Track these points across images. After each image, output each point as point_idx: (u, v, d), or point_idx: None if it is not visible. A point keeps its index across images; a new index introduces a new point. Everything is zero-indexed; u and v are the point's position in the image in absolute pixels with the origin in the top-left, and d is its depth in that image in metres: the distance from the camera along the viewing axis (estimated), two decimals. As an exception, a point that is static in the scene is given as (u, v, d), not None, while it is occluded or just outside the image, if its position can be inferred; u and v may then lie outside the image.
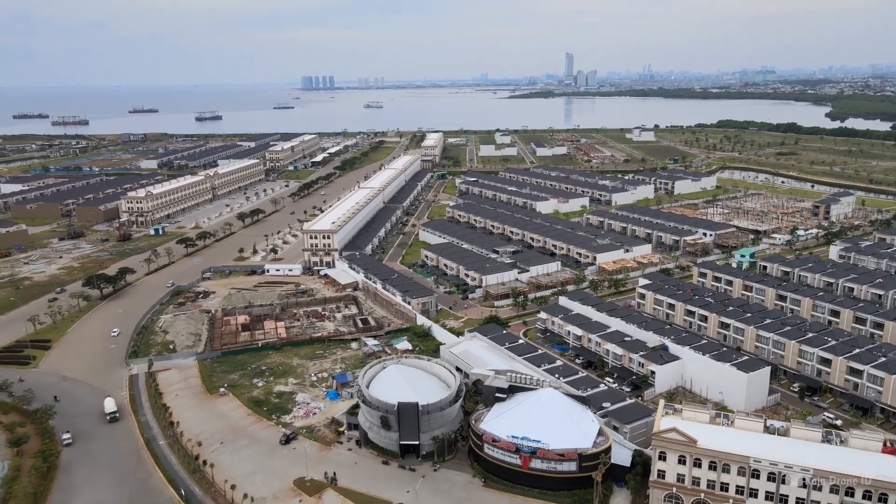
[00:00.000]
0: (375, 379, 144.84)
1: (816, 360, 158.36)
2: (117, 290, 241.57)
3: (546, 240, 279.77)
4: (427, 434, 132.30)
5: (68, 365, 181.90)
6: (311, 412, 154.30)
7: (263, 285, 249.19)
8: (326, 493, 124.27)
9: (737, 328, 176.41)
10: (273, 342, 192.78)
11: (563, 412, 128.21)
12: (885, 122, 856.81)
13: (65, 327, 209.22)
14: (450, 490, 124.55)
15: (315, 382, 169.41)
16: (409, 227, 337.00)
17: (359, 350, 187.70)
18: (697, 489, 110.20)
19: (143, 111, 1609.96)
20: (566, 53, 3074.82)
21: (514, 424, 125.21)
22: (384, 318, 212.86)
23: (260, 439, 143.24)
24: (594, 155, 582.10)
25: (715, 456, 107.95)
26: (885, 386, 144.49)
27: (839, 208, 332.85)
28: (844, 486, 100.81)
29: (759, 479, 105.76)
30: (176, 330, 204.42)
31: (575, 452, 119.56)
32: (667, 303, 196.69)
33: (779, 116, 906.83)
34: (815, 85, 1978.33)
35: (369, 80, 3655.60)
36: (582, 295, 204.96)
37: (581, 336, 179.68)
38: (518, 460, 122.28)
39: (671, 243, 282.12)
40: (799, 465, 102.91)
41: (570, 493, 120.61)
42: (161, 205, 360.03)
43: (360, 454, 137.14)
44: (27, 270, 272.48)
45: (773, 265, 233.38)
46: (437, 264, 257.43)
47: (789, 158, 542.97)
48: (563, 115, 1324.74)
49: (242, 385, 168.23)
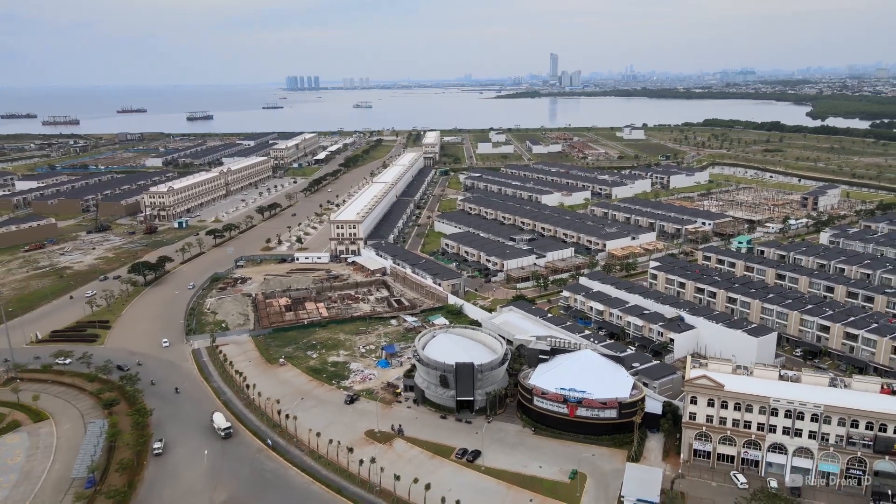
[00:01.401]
0: (429, 345, 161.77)
1: (816, 328, 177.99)
2: (158, 276, 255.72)
3: (557, 229, 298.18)
4: (481, 391, 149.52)
5: (131, 342, 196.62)
6: (367, 378, 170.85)
7: (296, 272, 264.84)
8: (396, 441, 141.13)
9: (743, 302, 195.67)
10: (318, 320, 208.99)
11: (601, 369, 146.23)
12: (863, 120, 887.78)
13: (118, 309, 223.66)
14: (504, 438, 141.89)
15: (364, 354, 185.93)
16: (424, 219, 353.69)
17: (398, 326, 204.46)
18: (724, 427, 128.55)
19: (131, 111, 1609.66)
20: (551, 54, 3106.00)
21: (560, 380, 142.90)
22: (415, 299, 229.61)
23: (326, 400, 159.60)
24: (589, 152, 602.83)
25: (740, 398, 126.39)
26: (877, 347, 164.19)
27: (826, 200, 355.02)
28: (850, 419, 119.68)
29: (778, 417, 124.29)
30: (225, 311, 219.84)
31: (615, 401, 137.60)
32: (678, 282, 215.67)
33: (762, 115, 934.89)
34: (795, 85, 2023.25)
35: (354, 80, 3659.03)
36: (600, 275, 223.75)
37: (603, 311, 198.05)
38: (565, 409, 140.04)
39: (673, 232, 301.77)
40: (812, 402, 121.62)
41: (610, 437, 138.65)
42: (181, 199, 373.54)
43: (418, 411, 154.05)
44: (66, 260, 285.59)
45: (770, 249, 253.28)
46: (457, 252, 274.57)
47: (775, 155, 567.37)
48: (552, 114, 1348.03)
49: (298, 357, 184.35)
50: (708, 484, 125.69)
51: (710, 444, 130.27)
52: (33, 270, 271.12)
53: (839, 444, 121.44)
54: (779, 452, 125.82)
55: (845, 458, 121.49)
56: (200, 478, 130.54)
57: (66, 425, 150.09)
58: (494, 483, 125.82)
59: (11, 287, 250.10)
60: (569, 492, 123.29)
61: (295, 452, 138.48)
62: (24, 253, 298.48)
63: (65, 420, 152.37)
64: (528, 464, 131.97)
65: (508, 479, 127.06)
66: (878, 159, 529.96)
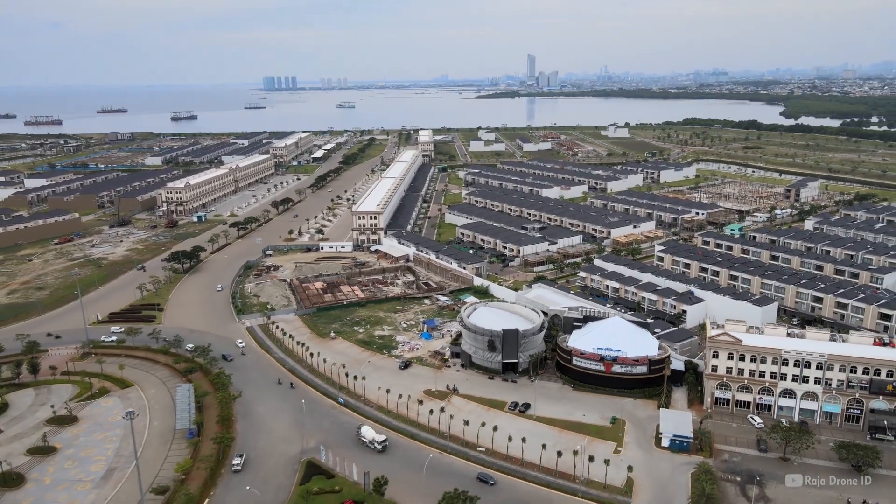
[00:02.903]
0: (472, 316, 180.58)
1: (811, 299, 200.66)
2: (193, 265, 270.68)
3: (562, 219, 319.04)
4: (524, 354, 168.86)
5: (186, 321, 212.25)
6: (414, 348, 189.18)
7: (323, 260, 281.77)
8: (453, 398, 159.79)
9: (744, 279, 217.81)
10: (356, 301, 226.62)
11: (629, 333, 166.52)
12: (834, 119, 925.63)
13: (164, 294, 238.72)
14: (548, 393, 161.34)
15: (406, 328, 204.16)
16: (434, 212, 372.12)
17: (432, 305, 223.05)
18: (741, 377, 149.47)
19: (112, 111, 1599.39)
20: (528, 55, 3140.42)
21: (595, 342, 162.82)
22: (441, 281, 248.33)
23: (382, 367, 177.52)
24: (578, 149, 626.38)
25: (755, 351, 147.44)
26: (865, 314, 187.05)
27: (807, 192, 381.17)
28: (850, 366, 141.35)
29: (788, 366, 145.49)
30: (267, 294, 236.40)
31: (646, 358, 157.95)
32: (683, 262, 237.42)
33: (737, 115, 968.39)
34: (766, 86, 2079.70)
35: (332, 80, 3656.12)
36: (613, 257, 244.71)
37: (619, 288, 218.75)
38: (602, 367, 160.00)
39: (670, 221, 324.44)
40: (817, 352, 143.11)
41: (641, 390, 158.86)
42: (197, 195, 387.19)
43: (466, 374, 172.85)
44: (98, 252, 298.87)
45: (762, 235, 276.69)
46: (473, 240, 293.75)
47: (755, 151, 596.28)
48: (533, 113, 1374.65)
49: (346, 332, 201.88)
50: (729, 425, 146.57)
51: (729, 392, 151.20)
52: (70, 261, 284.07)
53: (840, 387, 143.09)
54: (788, 397, 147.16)
55: (845, 399, 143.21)
56: (287, 429, 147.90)
57: (152, 390, 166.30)
58: (547, 428, 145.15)
59: (55, 276, 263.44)
60: (612, 433, 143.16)
61: (365, 408, 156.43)
62: (54, 246, 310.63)
63: (149, 386, 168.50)
64: (572, 413, 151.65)
65: (558, 425, 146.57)
66: (850, 155, 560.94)
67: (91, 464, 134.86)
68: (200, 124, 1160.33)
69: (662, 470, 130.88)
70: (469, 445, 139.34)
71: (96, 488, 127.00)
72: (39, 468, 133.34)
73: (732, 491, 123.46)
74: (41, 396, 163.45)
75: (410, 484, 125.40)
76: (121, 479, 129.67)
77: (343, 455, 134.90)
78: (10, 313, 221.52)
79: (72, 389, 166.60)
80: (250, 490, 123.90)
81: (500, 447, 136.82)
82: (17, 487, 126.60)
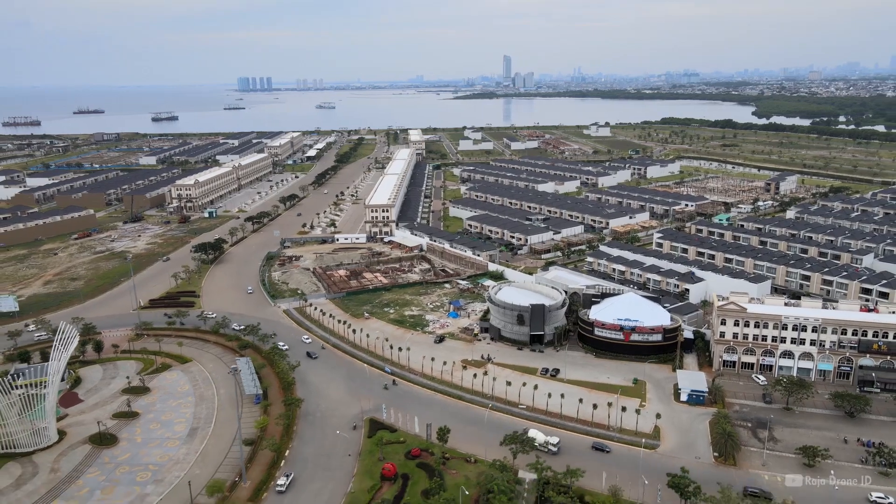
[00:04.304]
0: (499, 294, 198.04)
1: (799, 277, 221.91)
2: (218, 255, 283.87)
3: (562, 211, 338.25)
4: (549, 326, 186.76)
5: (224, 306, 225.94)
6: (444, 325, 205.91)
7: (339, 250, 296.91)
8: (489, 365, 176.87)
9: (738, 261, 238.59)
10: (381, 286, 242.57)
11: (643, 306, 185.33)
12: (804, 119, 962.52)
13: (196, 283, 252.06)
14: (574, 360, 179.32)
15: (433, 309, 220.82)
16: (437, 206, 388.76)
17: (453, 288, 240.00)
18: (746, 341, 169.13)
19: (88, 112, 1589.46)
20: (504, 56, 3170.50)
21: (614, 314, 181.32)
22: (457, 268, 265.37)
23: (418, 342, 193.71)
24: (564, 148, 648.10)
25: (758, 317, 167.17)
26: (848, 289, 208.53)
27: (786, 185, 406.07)
28: (841, 328, 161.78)
29: (787, 330, 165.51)
30: (295, 280, 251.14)
31: (661, 327, 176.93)
32: (681, 248, 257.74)
33: (712, 114, 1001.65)
34: (737, 87, 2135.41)
35: (308, 81, 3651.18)
36: (616, 244, 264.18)
37: (625, 271, 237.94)
38: (621, 336, 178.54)
39: (661, 212, 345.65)
40: (812, 317, 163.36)
41: (656, 356, 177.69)
42: (205, 192, 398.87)
43: (496, 346, 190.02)
44: (120, 246, 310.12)
45: (749, 223, 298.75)
46: (480, 231, 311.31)
47: (733, 149, 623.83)
48: (511, 114, 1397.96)
49: (377, 312, 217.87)
50: (736, 383, 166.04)
51: (735, 355, 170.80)
52: (94, 255, 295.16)
53: (833, 347, 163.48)
54: (787, 358, 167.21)
55: (837, 358, 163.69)
56: (343, 394, 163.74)
57: (210, 364, 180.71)
58: (577, 388, 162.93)
59: (84, 268, 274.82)
60: (635, 392, 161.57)
61: (410, 375, 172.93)
62: (74, 241, 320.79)
63: (206, 361, 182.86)
64: (598, 376, 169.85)
65: (587, 386, 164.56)
66: (822, 152, 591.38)
67: (174, 425, 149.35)
68: (182, 125, 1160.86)
69: (683, 419, 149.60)
70: (511, 404, 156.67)
71: (185, 444, 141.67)
72: (128, 430, 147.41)
73: (745, 434, 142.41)
74: (109, 371, 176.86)
75: (467, 434, 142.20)
76: (205, 436, 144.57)
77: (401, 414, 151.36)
78: (53, 301, 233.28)
79: (136, 365, 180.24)
80: (339, 434, 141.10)
81: (539, 405, 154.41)
82: (113, 445, 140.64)
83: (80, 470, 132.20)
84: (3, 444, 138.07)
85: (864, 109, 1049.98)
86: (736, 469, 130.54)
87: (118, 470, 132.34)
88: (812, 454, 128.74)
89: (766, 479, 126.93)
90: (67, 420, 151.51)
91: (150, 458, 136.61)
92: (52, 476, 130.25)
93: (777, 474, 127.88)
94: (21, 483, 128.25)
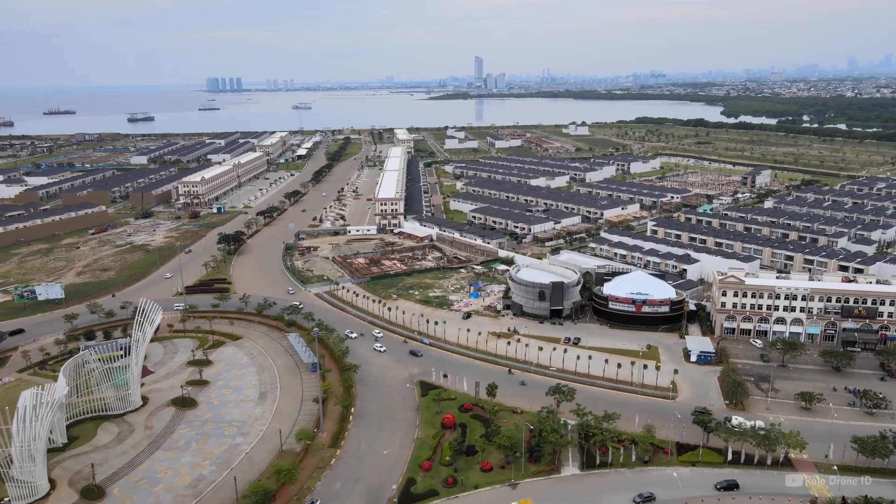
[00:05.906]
0: (520, 273, 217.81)
1: (783, 258, 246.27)
2: (238, 246, 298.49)
3: (558, 203, 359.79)
4: (568, 301, 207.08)
5: (258, 291, 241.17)
6: (468, 304, 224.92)
7: (353, 241, 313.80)
8: (515, 337, 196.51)
9: (727, 244, 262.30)
10: (401, 271, 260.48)
11: (651, 282, 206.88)
12: (770, 118, 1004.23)
13: (224, 271, 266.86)
14: (591, 331, 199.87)
15: (454, 290, 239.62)
16: (437, 201, 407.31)
17: (469, 273, 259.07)
18: (744, 310, 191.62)
19: (59, 113, 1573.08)
20: (476, 57, 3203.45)
21: (626, 289, 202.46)
22: (468, 256, 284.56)
23: (446, 318, 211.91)
24: (548, 146, 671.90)
25: (755, 288, 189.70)
26: (828, 267, 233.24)
27: (761, 179, 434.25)
28: (826, 296, 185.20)
29: (780, 299, 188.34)
30: (319, 268, 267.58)
31: (668, 300, 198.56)
32: (674, 233, 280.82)
33: (683, 114, 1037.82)
34: (703, 87, 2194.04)
35: (279, 82, 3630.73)
36: (616, 231, 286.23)
37: (626, 255, 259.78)
38: (633, 308, 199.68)
39: (650, 204, 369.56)
40: (801, 287, 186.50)
41: (665, 326, 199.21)
42: (211, 189, 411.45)
43: (519, 320, 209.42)
44: (140, 240, 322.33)
45: (732, 212, 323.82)
46: (484, 222, 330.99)
47: (707, 146, 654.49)
48: (484, 114, 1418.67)
49: (404, 294, 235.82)
50: (737, 346, 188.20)
51: (734, 322, 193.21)
52: (116, 248, 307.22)
53: (820, 313, 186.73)
54: (780, 324, 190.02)
55: (823, 322, 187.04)
56: (390, 362, 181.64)
57: (261, 340, 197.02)
58: (599, 353, 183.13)
59: (111, 259, 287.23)
60: (650, 355, 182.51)
61: (445, 345, 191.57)
62: (91, 236, 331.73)
63: (256, 337, 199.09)
64: (615, 343, 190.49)
65: (607, 351, 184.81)
66: (790, 149, 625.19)
67: (244, 390, 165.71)
68: (158, 125, 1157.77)
69: (694, 376, 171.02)
70: (543, 367, 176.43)
71: (258, 405, 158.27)
72: (203, 395, 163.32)
73: (749, 386, 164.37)
74: (169, 348, 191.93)
75: (508, 392, 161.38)
76: (275, 399, 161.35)
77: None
78: (92, 290, 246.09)
79: (191, 342, 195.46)
80: (410, 387, 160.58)
81: (568, 367, 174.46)
82: (194, 407, 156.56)
83: (171, 427, 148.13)
84: (97, 407, 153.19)
85: (825, 109, 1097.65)
86: (744, 413, 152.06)
87: (206, 426, 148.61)
88: (809, 398, 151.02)
89: (770, 419, 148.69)
90: (144, 388, 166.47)
91: (231, 416, 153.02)
92: (149, 432, 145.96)
93: (780, 416, 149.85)
94: (122, 438, 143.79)
